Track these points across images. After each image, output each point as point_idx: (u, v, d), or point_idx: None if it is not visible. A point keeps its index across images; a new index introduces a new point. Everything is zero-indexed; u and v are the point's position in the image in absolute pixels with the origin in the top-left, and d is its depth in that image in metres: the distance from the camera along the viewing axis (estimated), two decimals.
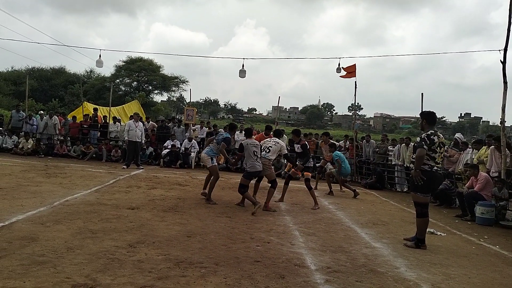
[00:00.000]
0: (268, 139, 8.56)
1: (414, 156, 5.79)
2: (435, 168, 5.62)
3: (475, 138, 12.01)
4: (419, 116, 6.62)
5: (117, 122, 15.88)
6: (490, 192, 8.33)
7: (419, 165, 5.57)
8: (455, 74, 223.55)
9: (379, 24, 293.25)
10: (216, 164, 8.16)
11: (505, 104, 8.71)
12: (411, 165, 5.96)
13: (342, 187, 10.98)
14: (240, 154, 8.01)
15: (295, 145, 8.71)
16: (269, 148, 8.02)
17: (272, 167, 8.62)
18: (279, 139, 8.39)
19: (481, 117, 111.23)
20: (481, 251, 5.89)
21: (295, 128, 10.40)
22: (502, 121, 8.79)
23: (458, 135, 12.13)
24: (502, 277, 4.65)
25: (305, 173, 8.70)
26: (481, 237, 6.78)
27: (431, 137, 5.60)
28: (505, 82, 8.71)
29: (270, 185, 7.87)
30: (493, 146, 9.05)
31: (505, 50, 8.73)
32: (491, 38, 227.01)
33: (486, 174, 8.61)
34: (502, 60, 8.75)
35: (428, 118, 5.82)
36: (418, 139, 5.74)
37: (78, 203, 6.70)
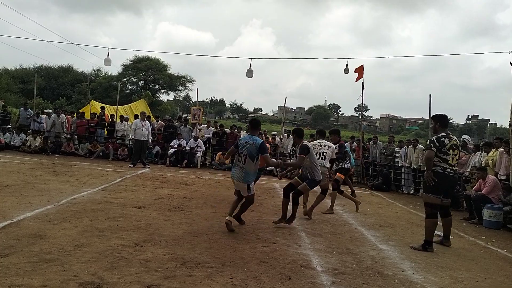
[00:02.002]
0: (316, 142, 7.57)
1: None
2: (448, 170, 5.62)
3: (482, 141, 11.91)
4: (426, 118, 6.61)
5: (124, 121, 15.95)
6: (498, 195, 8.26)
7: (429, 167, 5.63)
8: (462, 75, 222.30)
9: (385, 24, 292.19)
10: (254, 192, 5.99)
11: None
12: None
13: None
14: (302, 159, 6.28)
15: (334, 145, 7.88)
16: (324, 154, 7.32)
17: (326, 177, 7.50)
18: (325, 140, 7.65)
19: (489, 119, 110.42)
20: (489, 255, 5.84)
21: (335, 128, 9.93)
22: (511, 123, 8.70)
23: (465, 137, 12.05)
24: (510, 281, 4.60)
25: (337, 174, 8.39)
26: (489, 241, 6.72)
27: (441, 139, 5.60)
28: None
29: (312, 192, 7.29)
30: (502, 149, 8.97)
31: None
32: (498, 39, 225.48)
33: (494, 177, 8.54)
34: (511, 62, 8.67)
35: (442, 121, 5.84)
36: (429, 141, 5.79)
37: (85, 201, 6.73)
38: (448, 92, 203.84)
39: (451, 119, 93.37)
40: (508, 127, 8.91)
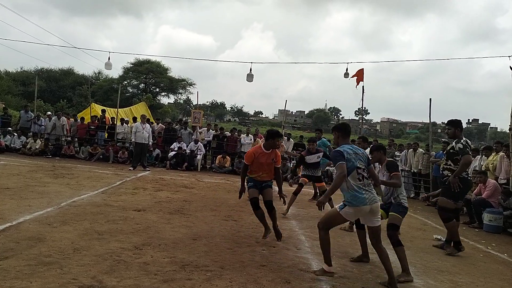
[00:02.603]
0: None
1: (448, 163, 5.84)
2: (467, 174, 5.75)
3: (482, 145, 11.92)
4: (426, 122, 6.58)
5: (124, 124, 15.96)
6: (498, 199, 8.25)
7: (461, 172, 5.65)
8: (463, 79, 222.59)
9: (385, 28, 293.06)
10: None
11: None
12: (446, 172, 5.88)
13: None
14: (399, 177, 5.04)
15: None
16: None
17: None
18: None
19: (489, 123, 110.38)
20: (489, 259, 5.83)
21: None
22: (511, 127, 8.70)
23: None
24: (510, 286, 4.60)
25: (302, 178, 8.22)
26: (489, 245, 6.71)
27: (470, 144, 5.70)
28: None
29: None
30: (502, 153, 8.97)
31: None
32: (497, 43, 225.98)
33: (495, 181, 8.54)
34: (511, 66, 8.68)
35: (461, 126, 5.92)
36: (460, 145, 5.70)
37: (85, 204, 6.73)
38: (448, 96, 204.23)
39: None
40: (508, 131, 8.91)
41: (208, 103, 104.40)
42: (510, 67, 8.71)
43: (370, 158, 4.70)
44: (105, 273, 3.77)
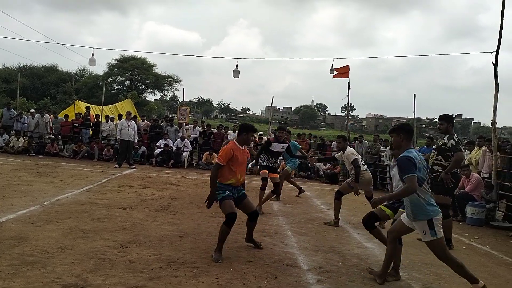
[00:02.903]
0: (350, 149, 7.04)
1: (439, 158, 5.94)
2: (457, 170, 5.88)
3: (466, 139, 12.10)
4: (411, 117, 6.63)
5: (109, 121, 15.79)
6: (480, 193, 8.41)
7: (454, 169, 5.76)
8: (446, 75, 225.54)
9: (370, 25, 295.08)
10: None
11: (496, 106, 8.79)
12: (436, 167, 5.95)
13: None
14: None
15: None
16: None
17: None
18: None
19: (472, 119, 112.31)
20: (472, 251, 5.93)
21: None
22: (493, 122, 8.86)
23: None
24: (492, 277, 4.68)
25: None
26: (472, 237, 6.84)
27: (460, 140, 5.84)
28: (496, 84, 8.78)
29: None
30: (485, 148, 9.12)
31: (497, 52, 8.81)
32: (480, 40, 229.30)
33: (478, 175, 8.68)
34: (494, 62, 8.82)
35: (452, 121, 6.03)
36: (452, 142, 5.76)
37: (69, 203, 6.65)
38: (432, 92, 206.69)
39: (436, 118, 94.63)
40: (490, 126, 9.07)
41: (195, 99, 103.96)
42: (492, 63, 8.85)
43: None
44: (90, 271, 3.74)
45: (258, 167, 8.22)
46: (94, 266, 3.89)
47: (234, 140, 4.98)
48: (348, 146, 7.00)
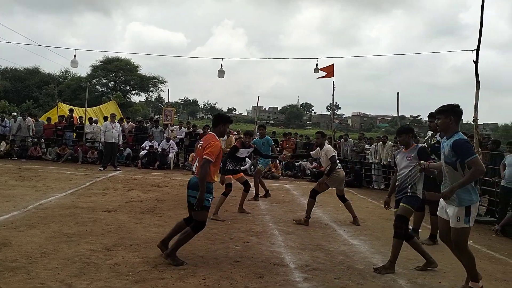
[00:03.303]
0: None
1: (432, 156, 5.93)
2: None
3: None
4: (395, 115, 6.70)
5: (93, 123, 15.60)
6: None
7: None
8: (429, 73, 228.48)
9: (353, 24, 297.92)
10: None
11: (477, 103, 8.93)
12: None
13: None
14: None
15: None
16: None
17: None
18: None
19: None
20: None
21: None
22: (475, 119, 9.01)
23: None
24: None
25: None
26: None
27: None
28: (477, 82, 8.92)
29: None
30: None
31: (477, 50, 8.95)
32: (461, 38, 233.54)
33: None
34: (475, 60, 8.97)
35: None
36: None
37: (53, 207, 6.55)
38: (415, 90, 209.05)
39: (419, 115, 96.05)
40: (472, 123, 9.22)
41: (181, 100, 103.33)
42: (473, 61, 8.99)
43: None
44: (74, 276, 3.69)
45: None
46: (78, 270, 3.84)
47: (213, 133, 4.57)
48: (325, 143, 7.02)
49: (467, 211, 3.68)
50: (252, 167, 14.07)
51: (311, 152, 7.57)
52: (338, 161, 7.06)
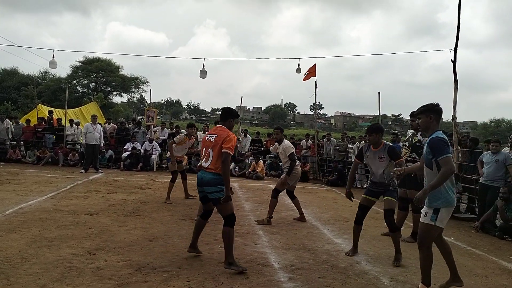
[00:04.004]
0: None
1: (413, 155, 6.13)
2: None
3: None
4: (377, 114, 6.76)
5: (74, 125, 15.34)
6: None
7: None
8: (408, 73, 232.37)
9: (334, 24, 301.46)
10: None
11: (456, 102, 9.12)
12: (411, 164, 6.10)
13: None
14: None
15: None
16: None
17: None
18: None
19: None
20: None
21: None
22: (454, 117, 9.19)
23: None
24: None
25: None
26: None
27: None
28: (455, 80, 9.11)
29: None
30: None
31: (455, 50, 9.14)
32: (439, 37, 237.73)
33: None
34: (453, 59, 9.15)
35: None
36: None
37: (33, 211, 6.42)
38: (395, 89, 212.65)
39: (400, 114, 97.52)
40: (451, 121, 9.40)
41: (163, 101, 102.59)
42: (451, 60, 9.17)
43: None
44: (56, 280, 3.63)
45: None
46: (60, 275, 3.77)
47: (223, 126, 4.46)
48: (284, 139, 6.98)
49: (436, 210, 3.69)
50: (237, 167, 14.06)
51: (269, 148, 7.58)
52: (296, 158, 7.00)
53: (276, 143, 6.95)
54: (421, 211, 3.88)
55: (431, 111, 3.80)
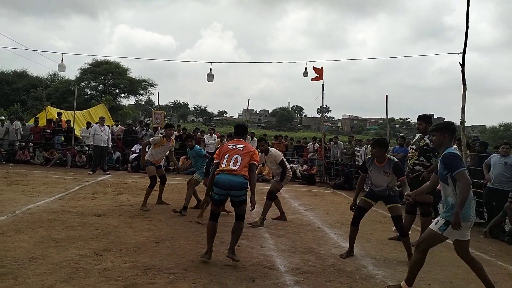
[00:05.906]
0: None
1: (421, 158, 6.09)
2: None
3: None
4: (385, 118, 6.74)
5: (89, 128, 15.45)
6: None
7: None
8: (415, 76, 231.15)
9: (339, 27, 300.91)
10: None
11: (464, 105, 9.03)
12: (418, 167, 6.10)
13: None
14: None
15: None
16: None
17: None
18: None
19: (444, 118, 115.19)
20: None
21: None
22: (462, 121, 9.10)
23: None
24: (464, 272, 4.81)
25: None
26: None
27: None
28: (464, 84, 9.02)
29: None
30: (455, 146, 9.37)
31: (464, 53, 9.06)
32: (446, 40, 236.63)
33: None
34: (461, 63, 9.07)
35: (431, 121, 6.16)
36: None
37: (41, 211, 6.47)
38: (402, 92, 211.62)
39: (408, 118, 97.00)
40: (460, 125, 9.32)
41: (171, 103, 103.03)
42: (460, 63, 9.09)
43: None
44: (63, 281, 3.65)
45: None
46: (67, 275, 3.79)
47: (242, 140, 5.00)
48: (270, 148, 7.17)
49: (447, 222, 3.72)
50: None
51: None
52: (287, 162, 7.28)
53: (263, 153, 7.09)
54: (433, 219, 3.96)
55: (445, 130, 3.92)
